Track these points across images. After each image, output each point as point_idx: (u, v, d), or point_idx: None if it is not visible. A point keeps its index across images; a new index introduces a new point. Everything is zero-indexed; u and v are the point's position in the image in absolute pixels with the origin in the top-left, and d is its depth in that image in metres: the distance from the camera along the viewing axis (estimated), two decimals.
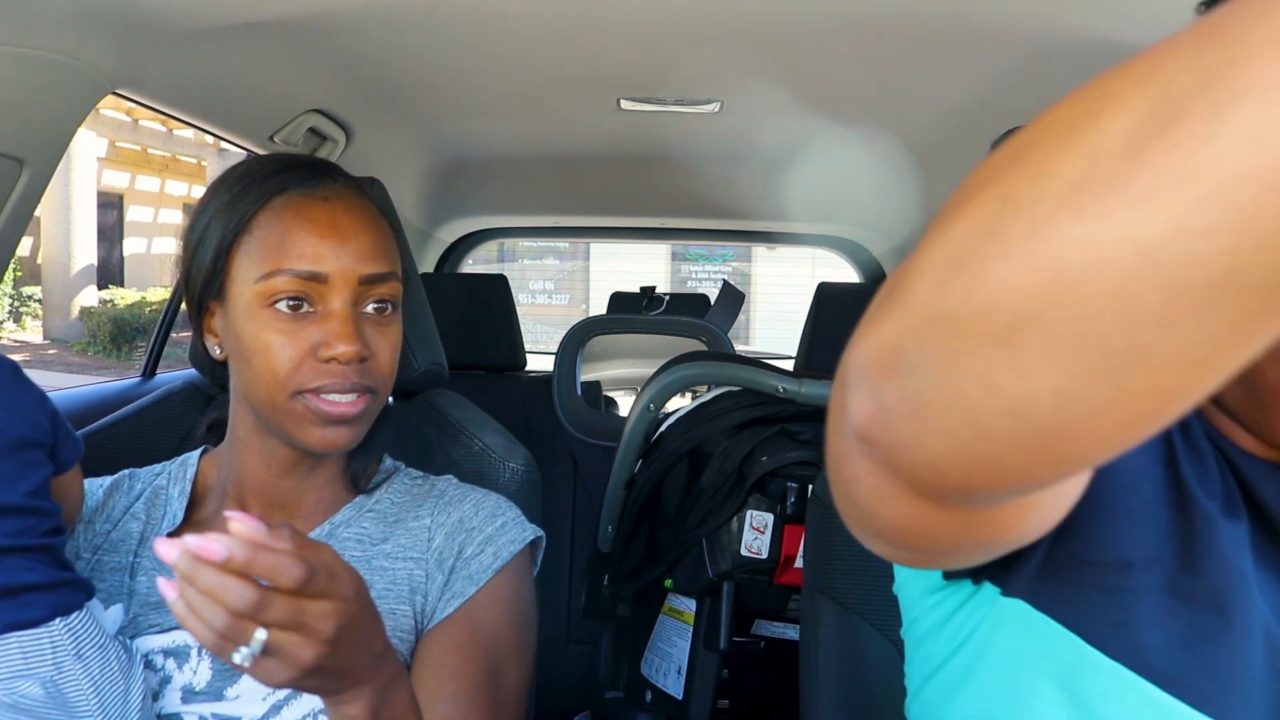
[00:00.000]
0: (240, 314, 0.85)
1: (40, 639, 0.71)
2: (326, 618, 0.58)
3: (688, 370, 1.32)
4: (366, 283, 0.86)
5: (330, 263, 0.84)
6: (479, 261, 3.59)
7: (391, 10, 1.18)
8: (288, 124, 1.52)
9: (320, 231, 0.84)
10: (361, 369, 0.85)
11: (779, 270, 12.38)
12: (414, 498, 0.96)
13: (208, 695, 0.82)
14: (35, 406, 0.79)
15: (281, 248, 0.83)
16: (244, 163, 0.91)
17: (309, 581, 0.56)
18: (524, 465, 1.14)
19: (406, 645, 0.88)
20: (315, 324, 0.84)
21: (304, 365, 0.84)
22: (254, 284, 0.83)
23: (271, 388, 0.84)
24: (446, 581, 0.90)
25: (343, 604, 0.59)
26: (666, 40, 1.29)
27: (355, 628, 0.60)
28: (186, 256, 0.89)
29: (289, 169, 0.88)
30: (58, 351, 10.61)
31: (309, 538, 0.60)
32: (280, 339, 0.83)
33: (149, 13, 1.02)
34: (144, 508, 0.94)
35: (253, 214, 0.85)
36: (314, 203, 0.85)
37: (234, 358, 0.87)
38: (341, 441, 0.87)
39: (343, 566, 0.61)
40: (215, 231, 0.86)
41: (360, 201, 0.89)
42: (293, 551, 0.56)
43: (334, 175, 0.90)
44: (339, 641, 0.59)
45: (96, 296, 11.25)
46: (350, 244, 0.85)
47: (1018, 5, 1.04)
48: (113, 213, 12.62)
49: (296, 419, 0.85)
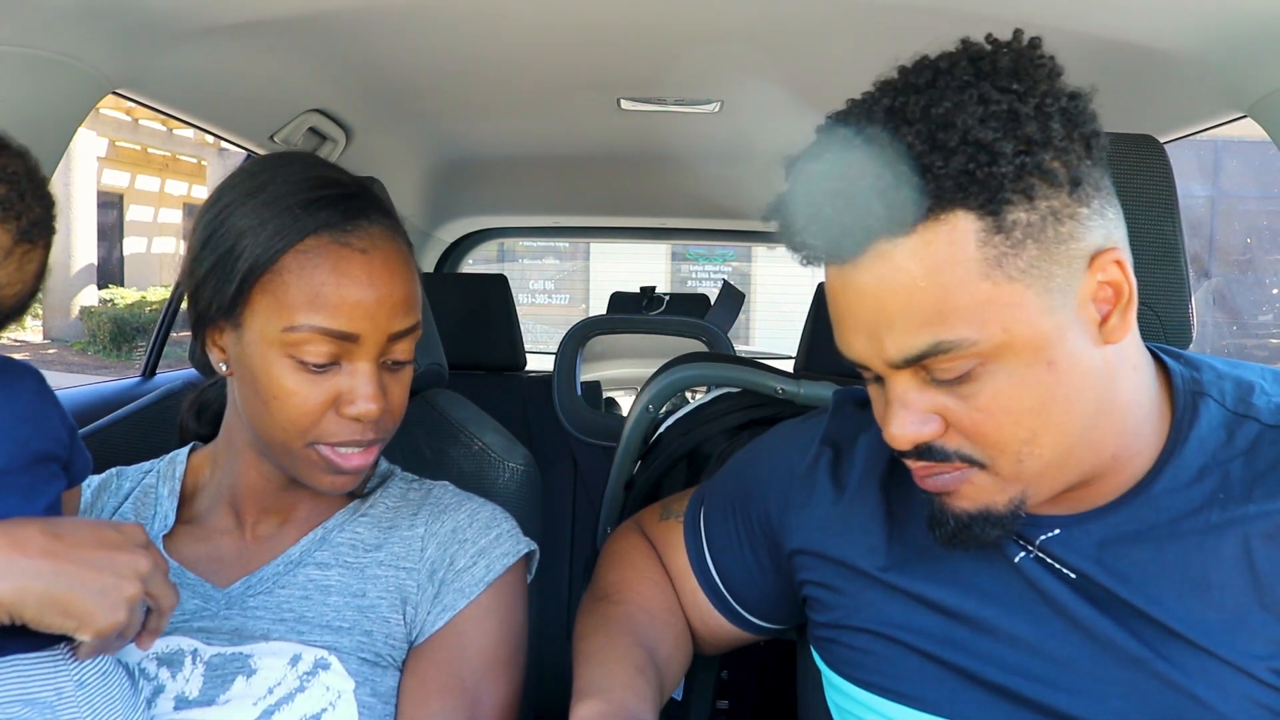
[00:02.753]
0: (258, 351, 0.81)
1: (43, 663, 0.70)
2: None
3: (687, 371, 1.32)
4: (394, 338, 0.83)
5: (363, 322, 0.80)
6: (479, 261, 3.59)
7: (391, 10, 1.18)
8: (288, 124, 1.52)
9: (355, 288, 0.80)
10: (378, 422, 0.84)
11: (779, 270, 12.37)
12: (409, 503, 0.95)
13: (200, 702, 0.81)
14: (57, 420, 0.78)
15: (313, 302, 0.79)
16: (265, 172, 0.84)
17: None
18: (524, 465, 1.14)
19: (399, 653, 0.87)
20: (339, 376, 0.82)
21: (324, 418, 0.82)
22: (280, 330, 0.79)
23: (287, 434, 0.82)
24: (437, 594, 0.89)
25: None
26: (666, 40, 1.29)
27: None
28: (198, 269, 0.84)
29: (324, 205, 0.81)
30: (58, 351, 10.60)
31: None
32: (301, 390, 0.81)
33: (149, 13, 1.02)
34: (132, 508, 0.93)
35: (283, 252, 0.80)
36: (350, 254, 0.80)
37: (244, 386, 0.84)
38: (348, 487, 0.86)
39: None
40: (238, 258, 0.80)
41: (394, 247, 0.84)
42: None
43: (369, 214, 0.84)
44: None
45: (96, 296, 11.24)
46: (385, 302, 0.81)
47: (1019, 5, 1.04)
48: (113, 212, 12.62)
49: (308, 465, 0.84)
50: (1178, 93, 1.20)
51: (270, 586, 0.88)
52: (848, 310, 0.68)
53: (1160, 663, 0.68)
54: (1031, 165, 0.62)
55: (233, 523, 0.92)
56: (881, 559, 0.80)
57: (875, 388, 0.73)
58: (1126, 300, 0.66)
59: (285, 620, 0.86)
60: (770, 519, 0.88)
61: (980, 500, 0.70)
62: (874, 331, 0.66)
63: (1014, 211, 0.62)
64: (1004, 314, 0.63)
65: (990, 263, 0.62)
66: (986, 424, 0.66)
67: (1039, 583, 0.73)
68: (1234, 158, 10.50)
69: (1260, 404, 0.72)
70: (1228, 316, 10.60)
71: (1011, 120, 0.62)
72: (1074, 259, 0.64)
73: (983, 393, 0.65)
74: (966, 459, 0.68)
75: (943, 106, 0.62)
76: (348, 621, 0.86)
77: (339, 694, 0.82)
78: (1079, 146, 0.64)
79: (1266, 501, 0.68)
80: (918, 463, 0.70)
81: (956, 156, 0.61)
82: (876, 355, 0.67)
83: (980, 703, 0.74)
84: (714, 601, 0.93)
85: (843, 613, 0.82)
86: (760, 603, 0.92)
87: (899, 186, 0.62)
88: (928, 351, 0.64)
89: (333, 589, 0.88)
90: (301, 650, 0.83)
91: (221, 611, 0.86)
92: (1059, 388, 0.65)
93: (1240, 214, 10.81)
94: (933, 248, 0.63)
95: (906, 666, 0.77)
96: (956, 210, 0.62)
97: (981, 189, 0.61)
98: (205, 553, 0.90)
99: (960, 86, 0.63)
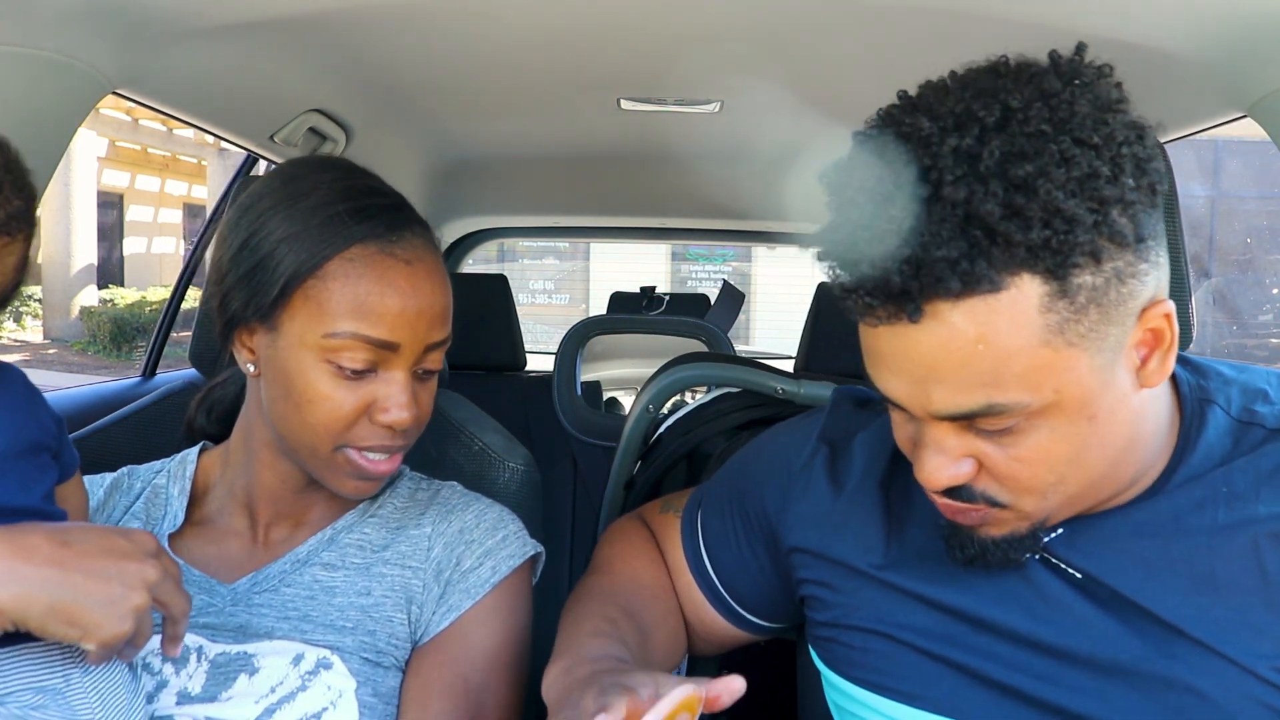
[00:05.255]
0: (294, 354, 0.82)
1: (50, 651, 0.70)
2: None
3: (686, 371, 1.32)
4: (430, 349, 0.84)
5: (403, 332, 0.82)
6: (479, 261, 3.59)
7: (391, 10, 1.18)
8: (288, 124, 1.52)
9: (399, 298, 0.81)
10: (407, 431, 0.85)
11: (779, 270, 12.37)
12: (417, 503, 0.96)
13: (202, 698, 0.82)
14: (45, 410, 0.79)
15: (359, 311, 0.80)
16: (307, 178, 0.85)
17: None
18: (524, 465, 1.14)
19: (402, 653, 0.88)
20: (374, 384, 0.82)
21: (357, 423, 0.83)
22: (320, 336, 0.80)
23: (318, 438, 0.83)
24: (442, 594, 0.89)
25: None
26: (666, 40, 1.29)
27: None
28: (234, 270, 0.84)
29: (372, 214, 0.83)
30: (58, 351, 10.61)
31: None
32: (337, 395, 0.81)
33: (149, 13, 1.02)
34: (143, 507, 0.94)
35: (329, 259, 0.81)
36: (395, 264, 0.82)
37: (274, 388, 0.85)
38: (371, 492, 0.88)
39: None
40: (280, 262, 0.81)
41: (434, 260, 0.86)
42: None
43: (412, 226, 0.85)
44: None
45: (96, 296, 11.25)
46: (425, 313, 0.83)
47: (1020, 5, 1.04)
48: (113, 212, 12.62)
49: (334, 469, 0.85)
50: (1178, 93, 1.20)
51: (276, 584, 0.88)
52: (892, 360, 0.65)
53: (1163, 660, 0.68)
54: (1104, 226, 0.59)
55: (245, 525, 0.92)
56: (880, 557, 0.80)
57: (902, 417, 0.71)
58: (1168, 346, 0.65)
59: (289, 619, 0.86)
60: (768, 514, 0.88)
61: (1005, 529, 0.70)
62: (922, 384, 0.64)
63: (1080, 275, 0.60)
64: (1058, 378, 0.62)
65: (1052, 329, 0.61)
66: (1021, 472, 0.66)
67: (1041, 582, 0.73)
68: (1234, 158, 10.50)
69: (1264, 411, 0.72)
70: (1228, 316, 10.60)
71: (1090, 183, 0.59)
72: (1128, 316, 0.63)
73: (1023, 444, 0.65)
74: (992, 501, 0.68)
75: (1023, 169, 0.58)
76: (351, 621, 0.86)
77: (340, 693, 0.82)
78: (1146, 196, 0.61)
79: (1274, 503, 0.68)
80: (943, 500, 0.70)
81: (1036, 228, 0.58)
82: (920, 405, 0.66)
83: (981, 700, 0.74)
84: (711, 599, 0.93)
85: (841, 611, 0.82)
86: (757, 600, 0.92)
87: (972, 255, 0.59)
88: (978, 412, 0.63)
89: (338, 589, 0.88)
90: (304, 649, 0.84)
91: (227, 608, 0.86)
92: (1094, 436, 0.65)
93: (1240, 214, 10.81)
94: (995, 313, 0.60)
95: (906, 664, 0.77)
96: (1023, 274, 0.59)
97: (1054, 255, 0.59)
98: (214, 554, 0.90)
99: (1038, 137, 0.59)
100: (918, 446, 0.69)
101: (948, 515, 0.72)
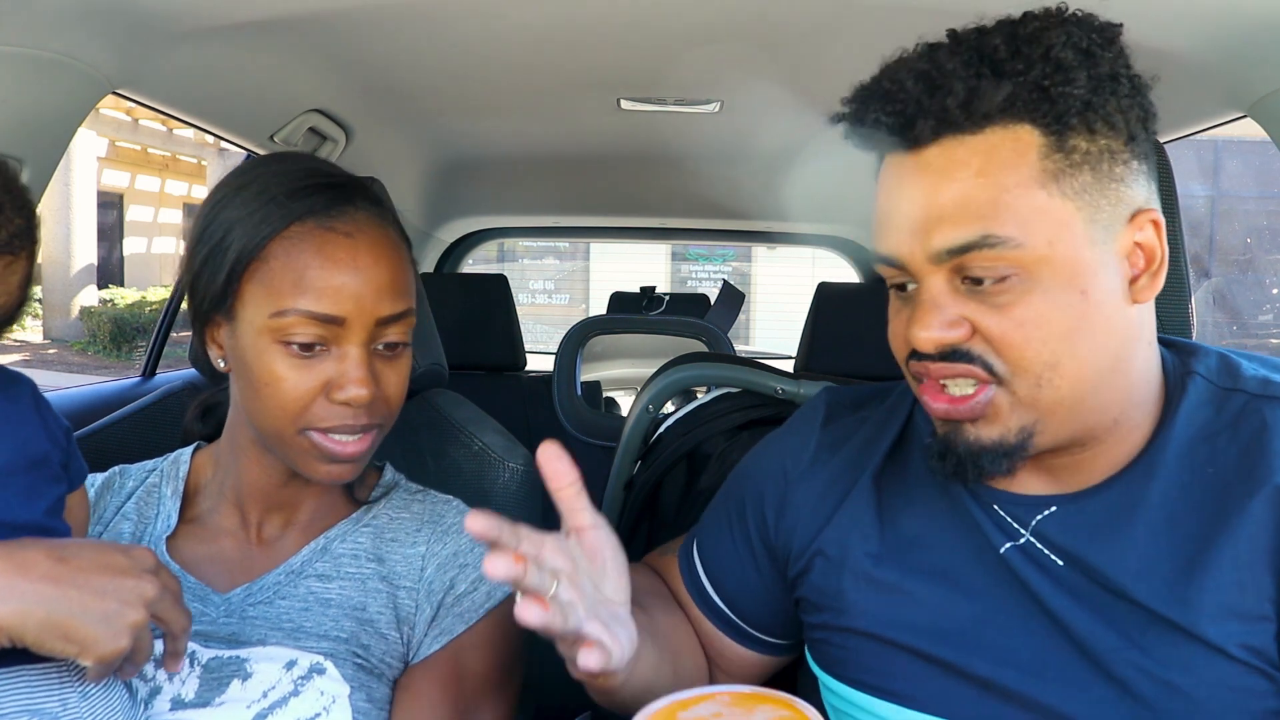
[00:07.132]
0: (249, 341, 0.82)
1: (47, 673, 0.70)
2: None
3: (686, 371, 1.32)
4: (383, 323, 0.83)
5: (348, 305, 0.80)
6: (479, 261, 3.59)
7: (391, 10, 1.18)
8: (288, 124, 1.52)
9: (339, 271, 0.80)
10: (370, 408, 0.84)
11: (779, 270, 12.37)
12: (413, 515, 0.94)
13: (196, 704, 0.81)
14: (54, 424, 0.79)
15: (299, 286, 0.80)
16: (257, 168, 0.86)
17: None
18: (524, 465, 1.14)
19: (394, 672, 0.87)
20: (328, 362, 0.82)
21: (314, 404, 0.82)
22: (267, 317, 0.80)
23: (280, 421, 0.83)
24: (434, 616, 0.89)
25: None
26: (666, 40, 1.29)
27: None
28: (194, 264, 0.85)
29: (309, 193, 0.83)
30: (58, 351, 10.61)
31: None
32: (291, 375, 0.81)
33: (149, 13, 1.02)
34: (135, 507, 0.93)
35: (269, 239, 0.81)
36: (334, 238, 0.81)
37: (239, 378, 0.85)
38: (345, 476, 0.86)
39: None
40: (228, 249, 0.82)
41: (382, 233, 0.85)
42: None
43: (355, 201, 0.85)
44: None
45: (96, 296, 11.24)
46: (369, 284, 0.82)
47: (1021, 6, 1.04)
48: (113, 212, 12.62)
49: (302, 453, 0.84)
50: (1178, 93, 1.20)
51: (271, 597, 0.88)
52: (901, 201, 0.70)
53: (1134, 652, 0.69)
54: (1098, 104, 0.66)
55: (237, 523, 0.92)
56: (875, 546, 0.81)
57: (900, 300, 0.74)
58: (1158, 265, 0.70)
59: (283, 628, 0.86)
60: (767, 521, 0.88)
61: (994, 426, 0.70)
62: (924, 223, 0.68)
63: (1076, 138, 0.67)
64: (1051, 229, 0.66)
65: (1048, 175, 0.66)
66: (1015, 335, 0.68)
67: (1023, 574, 0.74)
68: (1234, 158, 10.50)
69: (1248, 375, 0.74)
70: (1228, 316, 10.60)
71: (1089, 57, 0.67)
72: (1120, 203, 0.68)
73: (1017, 304, 0.67)
74: (988, 367, 0.69)
75: (1030, 26, 0.68)
76: (345, 632, 0.86)
77: (333, 699, 0.82)
78: (1138, 112, 0.68)
79: (1251, 476, 0.69)
80: (937, 365, 0.70)
81: (1036, 68, 0.66)
82: (920, 248, 0.69)
83: (969, 699, 0.74)
84: (719, 624, 0.92)
85: (832, 614, 0.82)
86: (764, 616, 0.91)
87: (980, 79, 0.66)
88: (974, 244, 0.66)
89: (333, 602, 0.88)
90: (297, 655, 0.84)
91: (220, 618, 0.86)
92: (1086, 319, 0.67)
93: (1240, 214, 10.81)
94: (998, 149, 0.67)
95: (896, 664, 0.78)
96: (1025, 123, 0.67)
97: (1052, 106, 0.66)
98: (208, 554, 0.90)
99: (1045, 17, 0.69)
100: (915, 308, 0.71)
101: (939, 402, 0.71)
